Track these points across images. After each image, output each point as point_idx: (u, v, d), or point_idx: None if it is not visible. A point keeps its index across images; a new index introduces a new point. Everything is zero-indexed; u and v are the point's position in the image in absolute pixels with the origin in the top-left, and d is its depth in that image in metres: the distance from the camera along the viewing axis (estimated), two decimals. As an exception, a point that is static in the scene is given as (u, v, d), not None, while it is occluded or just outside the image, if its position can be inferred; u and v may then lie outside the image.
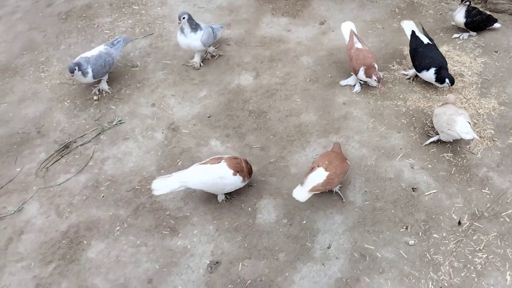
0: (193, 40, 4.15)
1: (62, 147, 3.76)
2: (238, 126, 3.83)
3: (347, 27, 4.11)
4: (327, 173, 3.00)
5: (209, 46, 4.35)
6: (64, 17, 5.14)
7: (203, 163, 3.20)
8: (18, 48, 4.80)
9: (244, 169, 3.11)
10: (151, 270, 2.96)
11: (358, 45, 3.97)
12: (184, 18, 4.00)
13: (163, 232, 3.16)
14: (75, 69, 3.81)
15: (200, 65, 4.37)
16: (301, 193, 2.98)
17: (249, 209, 3.24)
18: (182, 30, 4.11)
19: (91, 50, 4.13)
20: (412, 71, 4.00)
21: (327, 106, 3.92)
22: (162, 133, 3.83)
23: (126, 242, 3.12)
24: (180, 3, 5.22)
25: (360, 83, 4.04)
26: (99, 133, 3.86)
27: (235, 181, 3.13)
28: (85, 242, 3.15)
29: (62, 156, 3.70)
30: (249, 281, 2.86)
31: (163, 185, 3.08)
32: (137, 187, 3.44)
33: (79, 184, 3.50)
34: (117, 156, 3.68)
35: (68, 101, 4.18)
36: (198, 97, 4.11)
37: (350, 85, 4.06)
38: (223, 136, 3.77)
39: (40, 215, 3.32)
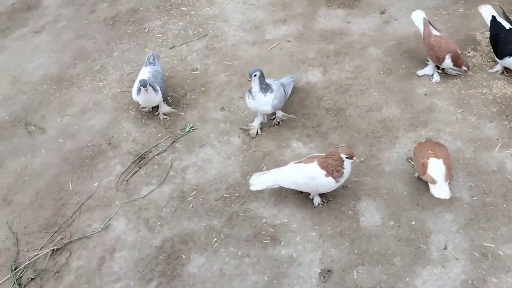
0: (261, 104, 3.45)
1: (138, 158, 3.62)
2: (317, 125, 3.68)
3: (419, 16, 3.94)
4: (440, 160, 2.89)
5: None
6: (111, 22, 4.98)
7: (298, 162, 3.07)
8: (69, 57, 4.64)
9: (339, 169, 2.93)
10: (260, 283, 2.82)
11: (436, 32, 3.80)
12: (255, 75, 3.36)
13: (264, 241, 3.01)
14: (148, 84, 3.63)
15: (258, 132, 3.63)
16: (441, 190, 2.86)
17: (350, 212, 3.09)
18: (249, 90, 3.47)
19: (140, 73, 3.95)
20: (499, 66, 3.82)
21: (408, 99, 3.76)
22: (239, 137, 3.68)
23: (227, 254, 2.98)
24: (228, 1, 5.05)
25: (438, 72, 3.87)
26: (174, 141, 3.71)
27: (327, 182, 2.98)
28: (183, 256, 3.01)
29: (140, 168, 3.56)
30: (368, 288, 2.72)
31: (258, 181, 3.04)
32: (225, 195, 3.30)
33: (164, 196, 3.36)
34: (197, 164, 3.54)
35: (134, 109, 4.02)
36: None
37: (428, 74, 3.90)
38: (304, 137, 3.61)
39: (130, 231, 3.18)
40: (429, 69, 3.91)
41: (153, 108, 3.98)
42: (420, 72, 3.93)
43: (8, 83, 4.45)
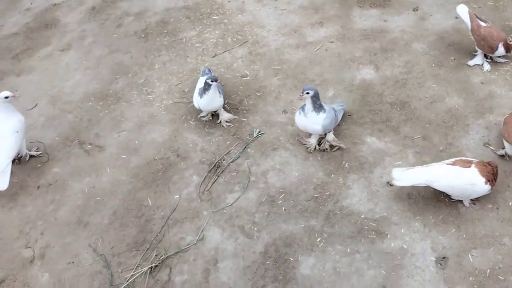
0: (313, 123, 3.35)
1: (213, 166, 3.53)
2: (386, 119, 3.73)
3: (463, 10, 4.09)
4: None
5: (329, 132, 3.52)
6: (143, 35, 4.88)
7: (450, 164, 3.02)
8: (107, 73, 4.50)
9: (495, 177, 2.95)
10: (378, 277, 2.81)
11: (483, 23, 3.96)
12: (308, 93, 3.25)
13: (369, 236, 3.00)
14: (217, 80, 3.58)
15: (315, 148, 3.55)
16: None
17: (447, 199, 3.13)
18: (302, 108, 3.38)
19: (198, 83, 3.89)
20: None
21: (466, 88, 3.88)
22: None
23: (335, 252, 2.95)
24: (259, 8, 5.07)
25: (487, 61, 4.03)
26: (245, 147, 3.65)
27: (483, 190, 2.95)
28: (291, 259, 2.95)
29: (218, 176, 3.47)
30: (488, 270, 2.76)
31: (403, 177, 2.99)
32: (315, 195, 3.27)
33: (252, 202, 3.29)
34: (275, 167, 3.49)
35: (192, 119, 3.94)
36: (327, 97, 3.97)
37: (479, 64, 4.04)
38: (376, 132, 3.65)
39: (227, 240, 3.09)
40: (478, 59, 4.06)
41: (212, 116, 3.92)
42: (471, 63, 4.07)
43: (48, 103, 4.26)
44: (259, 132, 3.76)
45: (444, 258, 2.84)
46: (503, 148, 3.30)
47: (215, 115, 3.92)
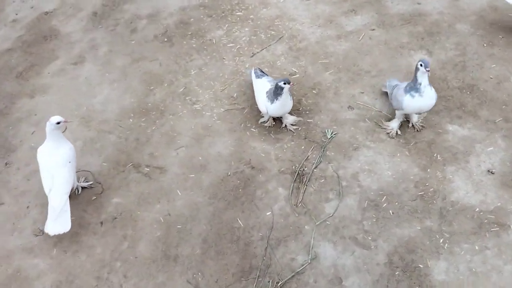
0: (430, 99, 3.15)
1: (297, 175, 3.24)
2: (460, 105, 3.59)
3: (506, -15, 4.05)
4: None
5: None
6: (165, 39, 4.43)
7: None
8: (139, 84, 4.03)
9: None
10: (518, 271, 2.67)
11: (529, -3, 3.94)
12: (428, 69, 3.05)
13: (492, 229, 2.86)
14: (290, 82, 3.27)
15: (397, 133, 3.40)
16: None
17: (552, 180, 3.06)
18: (414, 89, 3.13)
19: (259, 86, 3.56)
20: None
21: (529, 64, 3.85)
22: (388, 132, 3.47)
23: (464, 251, 2.78)
24: (283, 0, 4.76)
25: (537, 36, 4.03)
26: (323, 150, 3.39)
27: None
28: (420, 266, 2.74)
29: (307, 185, 3.19)
30: None
31: None
32: (419, 193, 3.08)
33: (353, 208, 3.04)
34: (364, 168, 3.26)
35: (253, 127, 3.60)
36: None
37: (530, 40, 4.03)
38: (455, 119, 3.50)
39: (343, 254, 2.82)
40: (528, 35, 4.04)
41: (274, 120, 3.61)
42: (521, 38, 4.04)
43: (80, 125, 3.75)
44: (332, 132, 3.50)
45: None
46: None
47: (277, 119, 3.62)
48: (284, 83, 3.26)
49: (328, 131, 3.51)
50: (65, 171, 3.00)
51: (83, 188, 3.28)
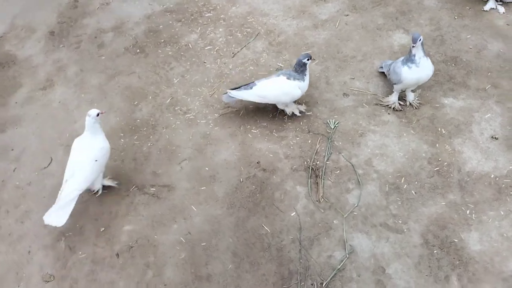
0: (427, 69, 3.24)
1: (312, 171, 3.17)
2: (450, 78, 3.67)
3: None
4: None
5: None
6: (138, 51, 4.18)
7: None
8: (121, 101, 3.77)
9: None
10: (546, 229, 2.77)
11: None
12: (420, 40, 3.13)
13: (511, 193, 2.94)
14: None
15: (400, 104, 3.46)
16: None
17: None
18: (410, 60, 3.22)
19: (273, 83, 3.36)
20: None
21: (497, 32, 4.00)
22: (389, 113, 3.48)
23: (491, 219, 2.83)
24: (250, -4, 4.66)
25: (498, 3, 4.20)
26: (330, 141, 3.34)
27: None
28: (455, 240, 2.77)
29: (324, 179, 3.12)
30: None
31: None
32: (435, 169, 3.11)
33: (377, 195, 3.02)
34: (375, 153, 3.25)
35: (253, 127, 3.49)
36: (379, 69, 3.81)
37: (493, 8, 4.18)
38: (448, 91, 3.58)
39: (378, 243, 2.79)
40: (491, 3, 4.20)
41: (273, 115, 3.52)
42: (486, 7, 4.20)
43: (67, 153, 3.42)
44: (335, 122, 3.46)
45: None
46: None
47: (277, 113, 3.52)
48: (308, 59, 3.25)
49: (330, 121, 3.46)
50: (87, 169, 2.86)
51: (105, 187, 3.14)
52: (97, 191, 3.11)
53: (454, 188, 3.00)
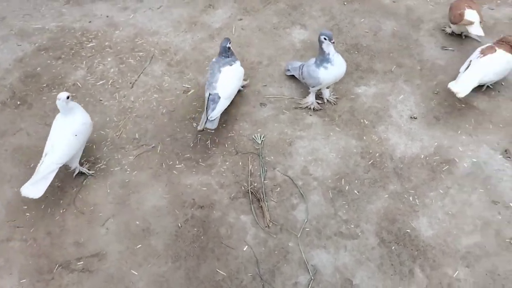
0: (342, 65, 3.21)
1: (252, 196, 2.97)
2: (356, 66, 3.70)
3: None
4: (474, 10, 3.57)
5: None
6: (19, 102, 3.59)
7: (482, 57, 3.24)
8: (12, 166, 3.18)
9: None
10: (483, 197, 2.87)
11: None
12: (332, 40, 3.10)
13: (444, 169, 3.02)
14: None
15: (318, 103, 3.39)
16: (477, 29, 3.57)
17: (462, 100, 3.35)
18: (325, 58, 3.14)
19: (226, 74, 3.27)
20: None
21: (387, 11, 4.14)
22: (311, 115, 3.40)
23: (433, 200, 2.88)
24: (132, 15, 4.26)
25: None
26: (260, 157, 3.16)
27: None
28: (408, 231, 2.76)
29: (266, 202, 2.94)
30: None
31: (462, 87, 3.15)
32: (369, 162, 3.09)
33: (322, 204, 2.91)
34: (308, 159, 3.14)
35: (177, 162, 3.18)
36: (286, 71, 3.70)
37: None
38: (359, 80, 3.60)
39: (337, 254, 2.69)
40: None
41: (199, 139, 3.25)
42: None
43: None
44: (261, 136, 3.29)
45: (507, 151, 3.08)
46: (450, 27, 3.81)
47: (197, 140, 3.25)
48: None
49: (256, 136, 3.28)
50: (66, 142, 2.86)
51: (81, 173, 3.11)
52: (74, 170, 3.08)
53: (392, 177, 3.01)
